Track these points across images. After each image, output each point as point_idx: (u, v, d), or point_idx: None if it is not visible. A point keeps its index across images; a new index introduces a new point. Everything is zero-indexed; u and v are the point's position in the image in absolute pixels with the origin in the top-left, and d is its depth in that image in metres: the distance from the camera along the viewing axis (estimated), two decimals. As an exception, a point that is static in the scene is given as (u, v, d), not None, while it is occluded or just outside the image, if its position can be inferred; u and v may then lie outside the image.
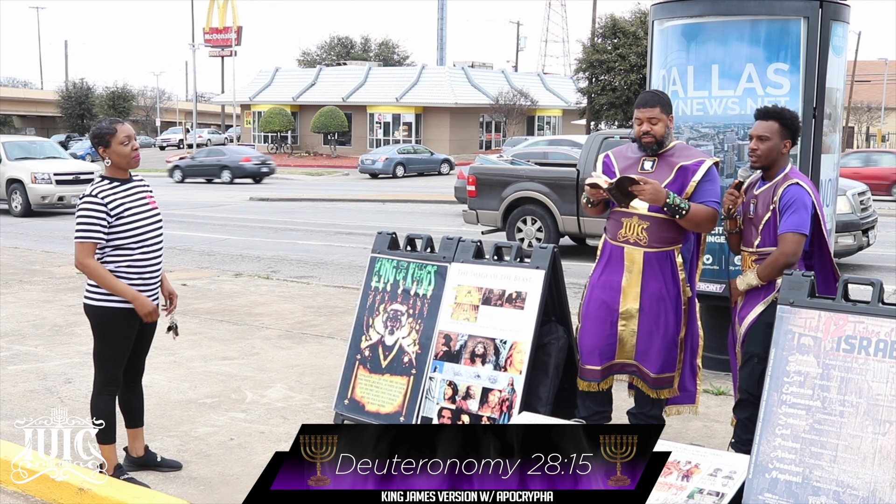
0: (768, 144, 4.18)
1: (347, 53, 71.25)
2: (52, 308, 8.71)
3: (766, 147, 4.18)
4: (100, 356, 4.38)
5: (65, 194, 19.41)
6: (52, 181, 19.52)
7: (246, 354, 7.05)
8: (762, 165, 4.24)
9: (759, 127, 4.22)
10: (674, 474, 3.71)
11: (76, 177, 19.94)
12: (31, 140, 23.17)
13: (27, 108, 73.63)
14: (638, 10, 37.91)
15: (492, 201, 13.31)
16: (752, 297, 4.30)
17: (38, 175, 19.44)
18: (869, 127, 70.44)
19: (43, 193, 19.39)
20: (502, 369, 4.67)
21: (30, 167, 19.63)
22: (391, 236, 5.38)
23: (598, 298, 4.60)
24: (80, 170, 20.58)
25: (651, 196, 4.30)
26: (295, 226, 17.58)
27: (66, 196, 19.36)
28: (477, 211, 13.61)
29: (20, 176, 19.52)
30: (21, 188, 19.50)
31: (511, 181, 13.27)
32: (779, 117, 4.21)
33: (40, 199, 19.41)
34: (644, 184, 4.28)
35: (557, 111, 57.85)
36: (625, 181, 4.31)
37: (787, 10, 5.68)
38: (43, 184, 19.41)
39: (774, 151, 4.19)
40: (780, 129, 4.18)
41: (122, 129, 4.29)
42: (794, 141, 4.27)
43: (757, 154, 4.20)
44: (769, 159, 4.20)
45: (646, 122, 4.45)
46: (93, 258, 4.20)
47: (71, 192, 19.24)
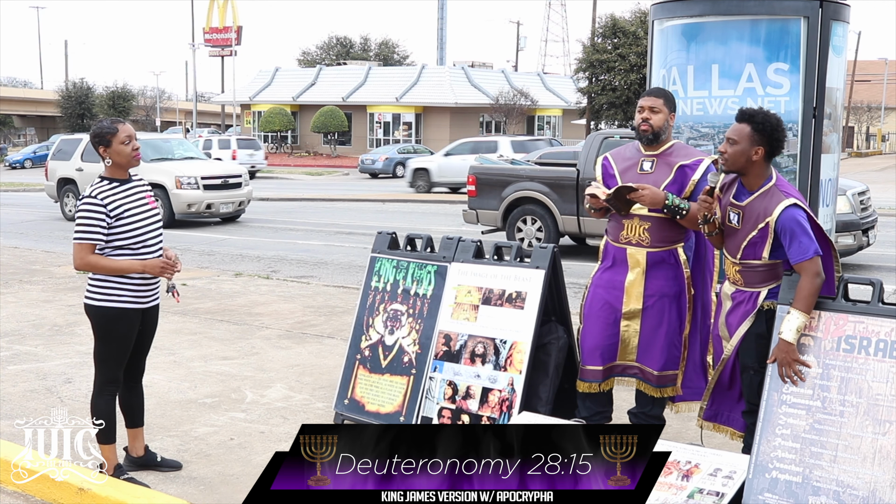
0: (736, 148, 3.92)
1: (347, 53, 71.22)
2: (52, 308, 8.71)
3: (733, 151, 3.92)
4: (100, 356, 4.38)
5: (213, 201, 16.98)
6: (199, 186, 16.81)
7: (246, 354, 7.05)
8: (729, 170, 4.01)
9: (730, 129, 3.99)
10: (674, 474, 3.71)
11: (224, 181, 17.47)
12: (164, 138, 20.58)
13: (27, 108, 73.59)
14: (638, 10, 37.89)
15: (492, 201, 13.31)
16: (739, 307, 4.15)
17: (184, 179, 16.71)
18: (869, 127, 70.45)
19: (189, 200, 16.68)
20: (502, 369, 4.67)
21: (172, 170, 16.93)
22: (391, 236, 5.38)
23: (601, 298, 4.60)
24: (228, 172, 18.00)
25: (650, 201, 4.31)
26: (295, 226, 17.57)
27: (214, 203, 16.99)
28: (477, 210, 13.61)
29: (161, 180, 16.58)
30: (163, 195, 16.46)
31: (511, 181, 13.26)
32: (750, 121, 3.94)
33: (186, 208, 16.71)
34: (642, 190, 4.29)
35: (557, 111, 57.82)
36: (623, 190, 4.33)
37: (787, 10, 5.68)
38: (189, 189, 16.72)
39: (742, 157, 3.92)
40: (752, 133, 3.91)
41: (123, 128, 4.30)
42: (771, 150, 3.97)
43: (724, 157, 3.97)
44: (737, 164, 3.94)
45: (647, 110, 4.46)
46: (92, 255, 4.20)
47: (220, 198, 17.09)
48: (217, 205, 17.05)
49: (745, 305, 4.11)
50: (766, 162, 3.97)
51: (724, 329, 4.24)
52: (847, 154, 55.25)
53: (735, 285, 4.17)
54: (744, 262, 4.06)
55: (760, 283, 4.05)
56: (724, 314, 4.25)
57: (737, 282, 4.15)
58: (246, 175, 18.34)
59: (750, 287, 4.08)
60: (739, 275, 4.11)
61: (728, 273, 4.21)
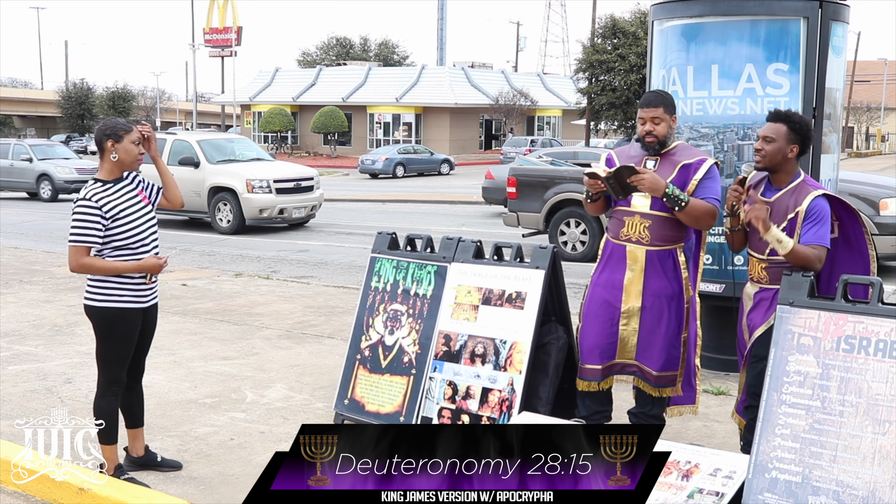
0: (773, 146, 4.15)
1: (347, 53, 71.25)
2: (53, 308, 8.71)
3: (770, 148, 4.15)
4: (103, 357, 4.39)
5: (286, 206, 15.92)
6: (271, 190, 15.78)
7: (246, 354, 7.06)
8: (765, 167, 4.22)
9: (766, 128, 4.22)
10: (674, 474, 3.71)
11: (297, 183, 16.36)
12: (227, 137, 19.17)
13: (27, 109, 73.64)
14: (638, 11, 37.87)
15: (533, 203, 12.93)
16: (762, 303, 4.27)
17: (255, 182, 15.65)
18: (868, 127, 70.46)
19: (262, 205, 15.66)
20: (502, 369, 4.68)
21: (242, 172, 15.91)
22: (391, 236, 5.38)
23: (599, 297, 4.60)
24: (300, 175, 16.77)
25: (650, 185, 4.29)
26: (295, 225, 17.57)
27: (287, 208, 15.95)
28: (518, 213, 13.22)
29: (231, 184, 15.72)
30: (233, 199, 15.69)
31: (554, 182, 12.93)
32: (787, 121, 4.19)
33: (257, 213, 15.69)
34: (643, 173, 4.29)
35: (557, 111, 57.86)
36: (623, 171, 4.31)
37: (786, 11, 5.68)
38: (261, 193, 15.67)
39: (779, 154, 4.15)
40: (788, 132, 4.15)
41: (136, 131, 4.35)
42: (803, 148, 4.21)
43: (761, 154, 4.19)
44: (773, 161, 4.17)
45: (649, 121, 4.46)
46: (88, 257, 4.21)
47: (293, 202, 16.03)
48: (290, 209, 16.01)
49: (768, 302, 4.22)
50: (797, 160, 4.22)
51: (746, 329, 4.35)
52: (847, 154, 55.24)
53: (759, 283, 4.28)
54: (771, 258, 4.20)
55: None
56: (745, 314, 4.36)
57: (762, 279, 4.26)
58: (317, 177, 17.20)
59: (774, 284, 4.17)
60: (765, 272, 4.24)
61: (753, 273, 4.33)
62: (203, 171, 16.16)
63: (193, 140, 16.76)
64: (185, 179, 15.51)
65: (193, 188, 15.91)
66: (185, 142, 16.75)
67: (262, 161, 17.43)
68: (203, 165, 16.16)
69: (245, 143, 18.59)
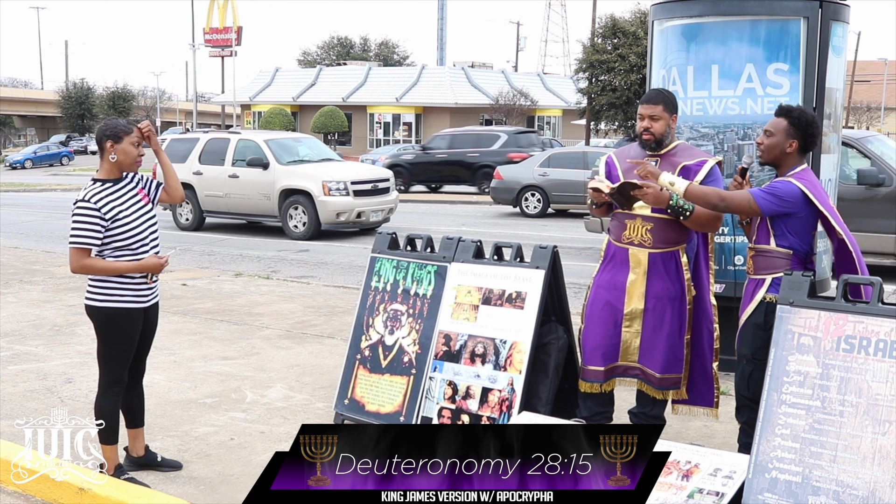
0: (772, 140, 4.17)
1: (347, 53, 71.22)
2: (53, 308, 8.71)
3: (769, 142, 4.18)
4: (105, 357, 4.39)
5: (364, 209, 14.94)
6: (349, 192, 14.76)
7: (246, 354, 7.06)
8: (766, 161, 4.25)
9: (768, 122, 4.26)
10: (674, 474, 3.71)
11: (374, 185, 15.38)
12: (294, 137, 17.85)
13: (27, 108, 73.60)
14: (638, 10, 37.84)
15: None
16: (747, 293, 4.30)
17: (332, 184, 14.63)
18: (869, 127, 70.36)
19: (339, 209, 14.66)
20: (502, 369, 4.68)
21: (317, 174, 14.89)
22: (391, 236, 5.38)
23: (602, 299, 4.59)
24: (377, 176, 15.86)
25: (654, 199, 4.28)
26: (295, 226, 17.53)
27: (365, 211, 14.97)
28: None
29: (305, 186, 14.72)
30: (307, 202, 14.70)
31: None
32: (788, 115, 4.20)
33: (334, 217, 14.68)
34: (646, 188, 4.27)
35: (557, 111, 57.81)
36: (627, 186, 4.31)
37: (786, 11, 5.68)
38: (338, 195, 14.66)
39: (777, 148, 4.17)
40: (788, 127, 4.16)
41: (137, 132, 4.34)
42: (805, 144, 4.19)
43: (761, 148, 4.23)
44: (772, 155, 4.19)
45: (647, 118, 4.46)
46: (88, 258, 4.21)
47: (370, 205, 15.07)
48: (367, 213, 15.02)
49: (751, 291, 4.26)
50: (799, 155, 4.22)
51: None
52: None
53: (749, 275, 4.32)
54: (757, 246, 4.24)
55: (766, 271, 4.20)
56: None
57: (750, 269, 4.31)
58: (392, 179, 16.34)
59: (758, 274, 4.23)
60: (752, 261, 4.28)
61: (747, 265, 4.38)
62: (273, 172, 15.14)
63: (261, 140, 15.80)
64: (253, 182, 15.05)
65: (262, 191, 15.17)
66: (252, 142, 15.83)
67: (333, 161, 16.43)
68: (273, 167, 15.14)
69: (312, 143, 17.34)
